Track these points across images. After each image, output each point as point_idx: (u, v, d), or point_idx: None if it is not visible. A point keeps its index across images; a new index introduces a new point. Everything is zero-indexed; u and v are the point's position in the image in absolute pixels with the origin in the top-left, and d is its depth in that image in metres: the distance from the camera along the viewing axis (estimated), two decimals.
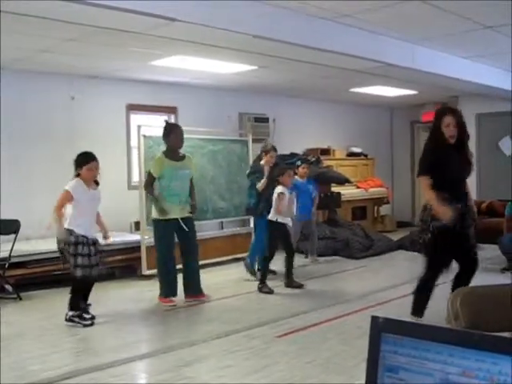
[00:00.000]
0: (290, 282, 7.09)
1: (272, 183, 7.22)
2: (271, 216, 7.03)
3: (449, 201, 4.80)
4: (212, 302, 6.51)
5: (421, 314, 5.19)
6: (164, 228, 6.32)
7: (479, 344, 0.96)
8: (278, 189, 7.00)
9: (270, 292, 6.83)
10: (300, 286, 7.06)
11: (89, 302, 5.80)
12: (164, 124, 6.61)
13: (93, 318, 5.67)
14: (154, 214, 6.39)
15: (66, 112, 8.25)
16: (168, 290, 6.37)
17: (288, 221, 7.10)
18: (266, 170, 7.53)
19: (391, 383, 1.04)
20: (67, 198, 5.49)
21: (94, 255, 5.58)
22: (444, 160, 4.86)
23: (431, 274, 5.15)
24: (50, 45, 6.39)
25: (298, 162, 8.70)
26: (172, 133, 6.42)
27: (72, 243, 5.45)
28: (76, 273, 5.46)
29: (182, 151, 6.53)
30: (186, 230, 6.36)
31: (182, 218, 6.35)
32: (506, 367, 0.93)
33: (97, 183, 5.76)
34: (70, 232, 5.47)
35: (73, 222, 5.51)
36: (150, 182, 6.43)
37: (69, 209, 5.57)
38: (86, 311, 5.70)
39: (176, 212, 6.33)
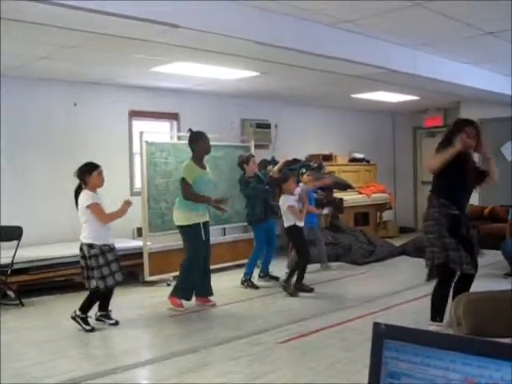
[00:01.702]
0: (301, 286, 7.13)
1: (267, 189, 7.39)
2: (287, 223, 7.13)
3: None
4: (214, 308, 6.51)
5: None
6: (196, 232, 6.36)
7: (481, 350, 0.96)
8: (284, 199, 7.07)
9: (294, 294, 6.95)
10: (310, 290, 7.11)
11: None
12: (189, 132, 6.66)
13: (116, 323, 5.79)
14: (183, 221, 6.40)
15: (69, 119, 8.27)
16: (186, 293, 6.41)
17: (301, 223, 7.18)
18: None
19: None
20: (101, 208, 5.59)
21: (113, 262, 5.60)
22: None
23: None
24: (52, 51, 6.40)
25: (303, 170, 8.68)
26: (200, 140, 6.49)
27: (98, 254, 5.48)
28: (104, 283, 5.49)
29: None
30: (206, 235, 6.46)
31: (203, 224, 6.43)
32: (509, 373, 0.92)
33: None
34: (91, 245, 5.51)
35: (94, 234, 5.53)
36: (190, 189, 6.35)
37: (88, 223, 5.59)
38: (108, 317, 5.82)
39: (202, 218, 6.42)
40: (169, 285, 7.58)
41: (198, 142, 6.48)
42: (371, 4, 5.41)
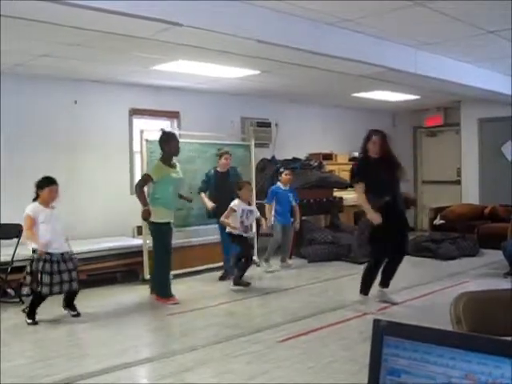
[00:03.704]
0: (238, 280, 7.31)
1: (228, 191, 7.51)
2: (228, 229, 7.33)
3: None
4: (214, 306, 6.51)
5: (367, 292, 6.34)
6: (164, 230, 6.58)
7: (482, 347, 0.95)
8: (233, 202, 7.23)
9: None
10: (247, 285, 7.28)
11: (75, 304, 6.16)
12: (161, 132, 6.90)
13: (78, 315, 6.05)
14: (154, 218, 6.55)
15: (69, 116, 8.25)
16: (164, 291, 6.65)
17: (245, 234, 7.33)
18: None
19: None
20: (31, 222, 5.82)
21: (59, 273, 5.76)
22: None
23: (374, 260, 6.32)
24: (53, 49, 6.40)
25: (281, 169, 8.74)
26: (170, 141, 6.70)
27: (35, 260, 5.73)
28: (38, 289, 5.70)
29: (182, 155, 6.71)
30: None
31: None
32: (509, 370, 0.92)
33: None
34: (34, 250, 5.77)
35: (36, 240, 5.79)
36: (143, 183, 6.63)
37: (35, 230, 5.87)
38: (73, 309, 6.08)
39: (171, 216, 6.63)
40: None
41: (167, 143, 6.69)
42: (372, 3, 5.41)
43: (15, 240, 6.55)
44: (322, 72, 7.58)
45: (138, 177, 8.66)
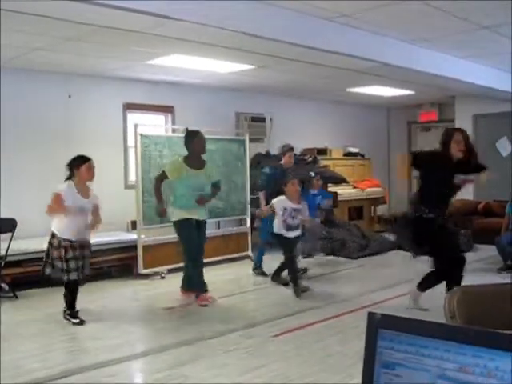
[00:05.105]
0: (276, 276, 7.20)
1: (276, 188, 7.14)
2: (274, 229, 6.91)
3: None
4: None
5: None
6: (188, 226, 6.28)
7: (476, 340, 0.96)
8: (274, 201, 6.88)
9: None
10: (306, 290, 6.86)
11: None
12: (185, 131, 6.66)
13: (81, 322, 5.67)
14: (174, 217, 6.34)
15: (63, 111, 8.23)
16: (197, 285, 6.41)
17: (289, 234, 6.82)
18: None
19: (387, 380, 1.04)
20: (59, 200, 5.44)
21: (76, 259, 5.50)
22: None
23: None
24: (47, 43, 6.37)
25: (312, 174, 8.55)
26: (193, 139, 6.42)
27: (56, 246, 5.47)
28: (68, 276, 5.47)
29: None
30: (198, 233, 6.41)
31: (196, 221, 6.36)
32: (503, 363, 0.92)
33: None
34: (53, 235, 5.51)
35: (58, 224, 5.51)
36: (160, 178, 6.36)
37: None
38: (73, 316, 5.71)
39: (192, 213, 6.30)
40: (163, 278, 7.58)
41: (191, 142, 6.42)
42: None
43: (9, 234, 6.54)
44: (318, 67, 7.58)
45: (132, 171, 8.67)
